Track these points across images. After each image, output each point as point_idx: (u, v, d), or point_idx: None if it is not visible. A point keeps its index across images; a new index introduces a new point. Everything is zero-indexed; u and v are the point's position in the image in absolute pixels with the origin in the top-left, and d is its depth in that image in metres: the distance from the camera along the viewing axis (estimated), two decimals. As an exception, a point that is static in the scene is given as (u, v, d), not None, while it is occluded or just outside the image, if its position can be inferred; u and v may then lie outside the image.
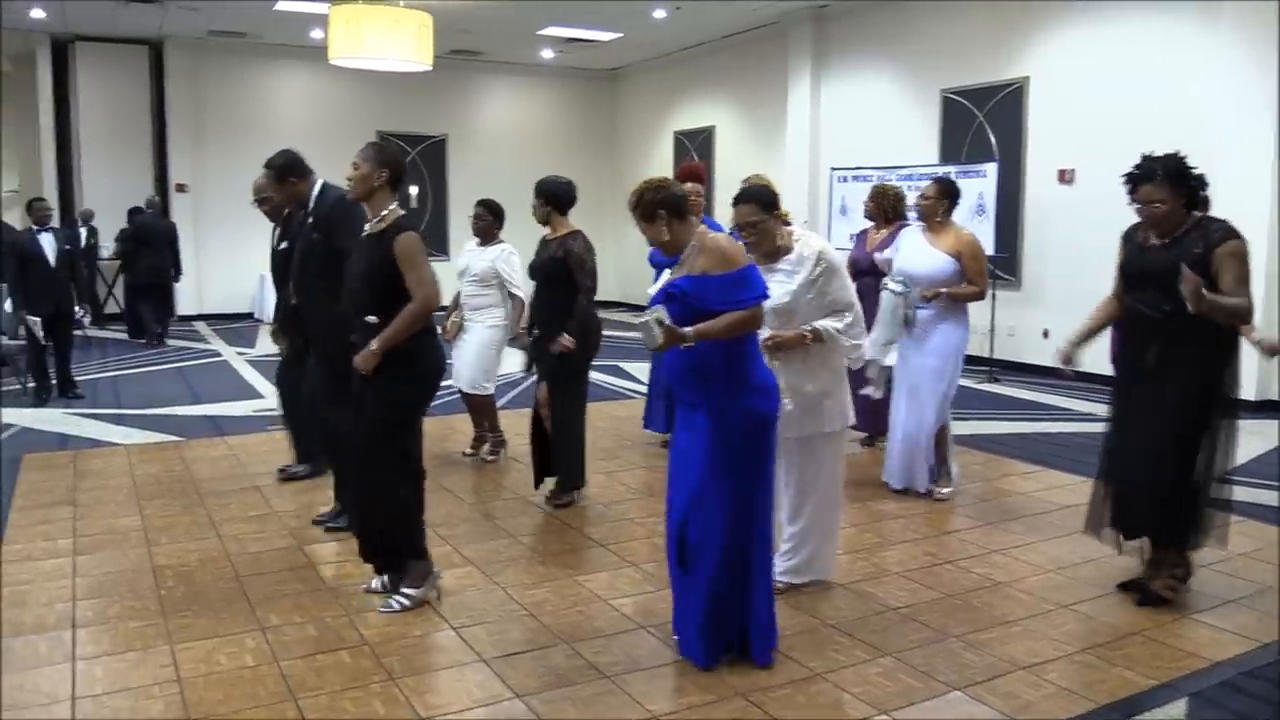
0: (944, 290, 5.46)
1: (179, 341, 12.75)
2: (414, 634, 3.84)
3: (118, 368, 10.59)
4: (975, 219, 10.00)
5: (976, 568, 4.70)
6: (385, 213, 3.93)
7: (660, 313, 3.40)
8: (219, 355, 11.61)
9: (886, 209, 6.74)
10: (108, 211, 14.17)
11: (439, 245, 16.39)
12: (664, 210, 3.48)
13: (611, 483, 6.12)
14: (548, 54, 16.19)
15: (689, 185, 6.72)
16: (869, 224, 6.86)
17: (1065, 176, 10.26)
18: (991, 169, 10.14)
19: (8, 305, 9.76)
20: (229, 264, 15.26)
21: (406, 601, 4.05)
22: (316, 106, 15.88)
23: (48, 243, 8.42)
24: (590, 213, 11.71)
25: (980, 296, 5.55)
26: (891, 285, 5.55)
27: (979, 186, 10.11)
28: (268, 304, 14.84)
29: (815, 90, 13.27)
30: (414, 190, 16.46)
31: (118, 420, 7.92)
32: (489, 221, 6.33)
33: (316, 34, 14.45)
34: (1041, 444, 7.31)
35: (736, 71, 14.92)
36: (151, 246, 12.73)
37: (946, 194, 5.60)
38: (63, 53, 15.00)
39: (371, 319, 3.87)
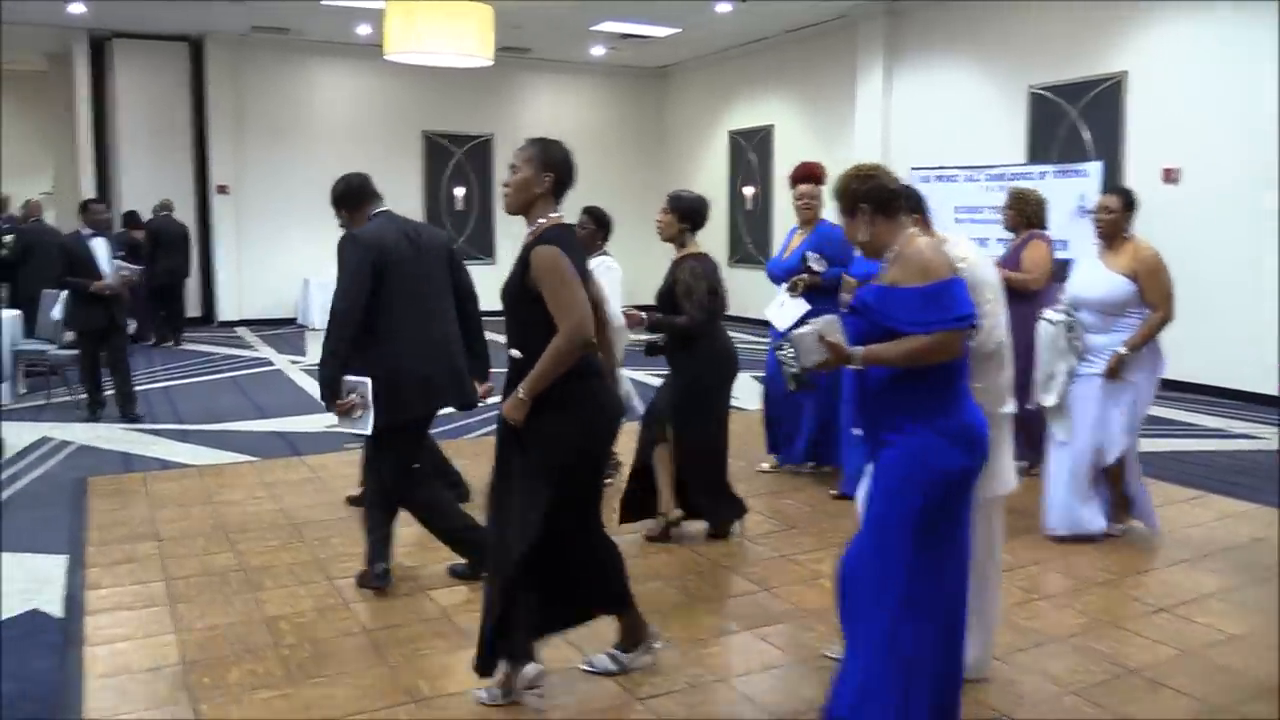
0: (1123, 350, 4.80)
1: (226, 349, 12.21)
2: (595, 705, 3.27)
3: (166, 377, 10.06)
4: (1076, 221, 9.40)
5: (1197, 615, 4.11)
6: (539, 223, 3.21)
7: (830, 324, 2.84)
8: (270, 364, 11.07)
9: (1029, 215, 6.15)
10: (146, 214, 13.63)
11: (485, 249, 15.89)
12: (868, 204, 2.89)
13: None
14: (597, 51, 15.64)
15: (802, 187, 6.18)
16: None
17: (1171, 176, 9.63)
18: (1094, 168, 9.52)
19: (55, 312, 9.25)
20: (271, 268, 14.75)
21: (612, 666, 3.49)
22: (360, 105, 15.36)
23: (100, 248, 7.83)
24: (638, 216, 11.17)
25: (1165, 323, 4.86)
26: (1049, 315, 4.95)
27: (1080, 187, 9.48)
28: (312, 310, 14.36)
29: (887, 87, 12.67)
30: (460, 192, 15.92)
31: (182, 437, 7.37)
32: (592, 230, 5.71)
33: (362, 30, 13.97)
34: (1191, 465, 6.71)
35: (799, 67, 14.33)
36: (167, 249, 12.41)
37: (1129, 205, 5.00)
38: (100, 50, 14.51)
39: (515, 353, 3.19)
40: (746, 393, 8.73)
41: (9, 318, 8.75)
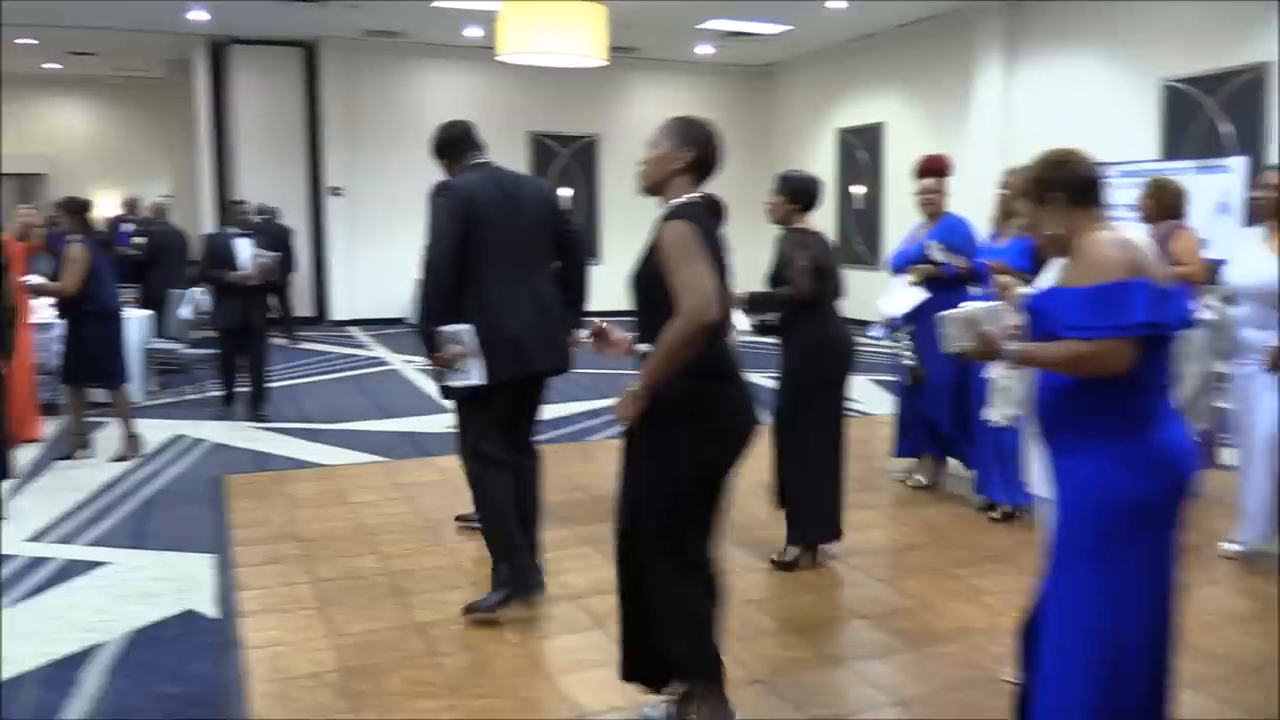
0: None
1: (340, 348, 12.38)
2: (765, 729, 3.14)
3: (285, 376, 10.20)
4: (1219, 219, 8.95)
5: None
6: (673, 201, 2.89)
7: (993, 312, 2.63)
8: (386, 363, 11.17)
9: (1169, 206, 5.82)
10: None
11: (590, 250, 15.86)
12: (1062, 193, 2.53)
13: (870, 528, 5.35)
14: (703, 49, 15.50)
15: (924, 181, 5.96)
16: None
17: (1321, 172, 9.10)
18: (1237, 163, 9.07)
19: (183, 311, 9.47)
20: (382, 268, 14.93)
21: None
22: (467, 106, 15.36)
23: (243, 248, 7.93)
24: (743, 218, 10.93)
25: None
26: (1199, 312, 4.63)
27: (1223, 183, 9.05)
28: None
29: (1007, 80, 12.28)
30: (569, 192, 15.93)
31: (310, 436, 7.45)
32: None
33: (470, 31, 14.06)
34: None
35: (911, 63, 13.98)
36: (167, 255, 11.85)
37: (1295, 182, 4.66)
38: (219, 56, 14.87)
39: (644, 348, 2.83)
40: (866, 395, 8.51)
41: (140, 317, 8.96)
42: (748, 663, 3.57)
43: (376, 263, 14.95)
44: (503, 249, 3.90)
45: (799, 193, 4.64)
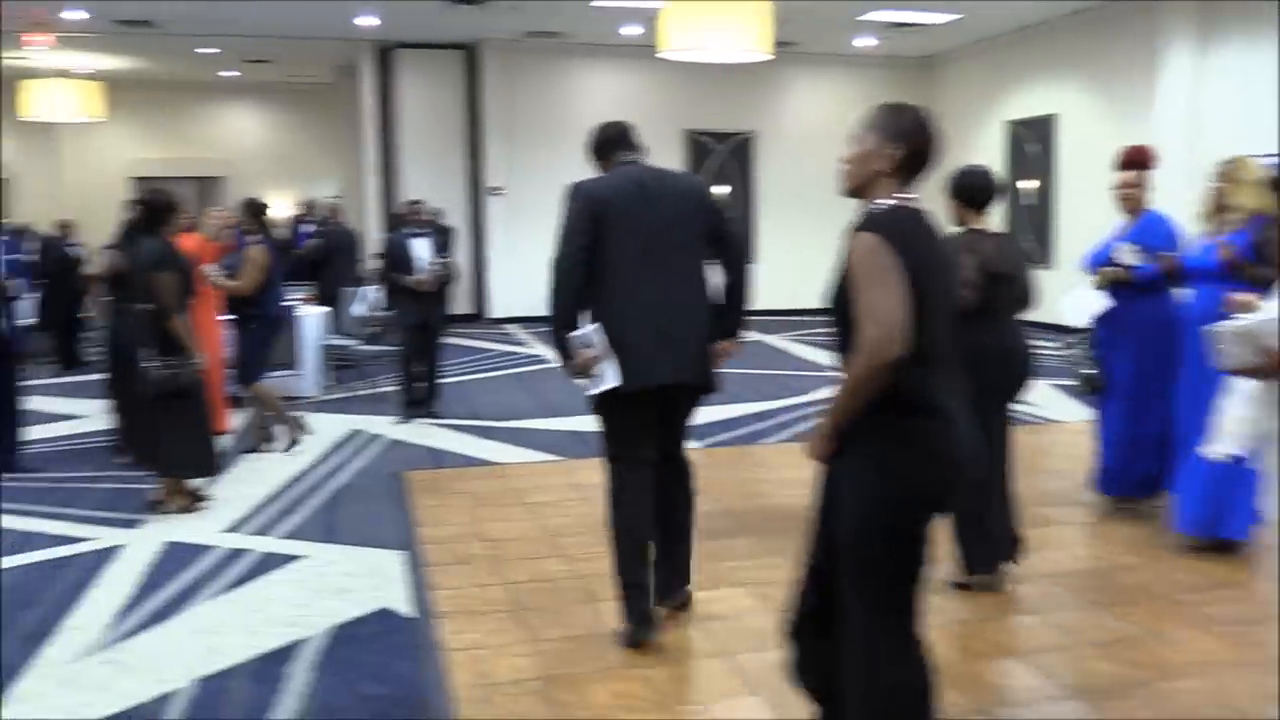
0: None
1: (500, 345, 12.53)
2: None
3: (450, 373, 10.34)
4: None
5: None
6: (872, 206, 2.52)
7: (1261, 323, 2.32)
8: (546, 361, 11.22)
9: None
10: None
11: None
12: None
13: (1071, 546, 5.00)
14: (862, 41, 15.10)
15: (1125, 174, 5.51)
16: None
17: None
18: None
19: (357, 309, 9.70)
20: (540, 266, 14.95)
21: None
22: (623, 105, 15.42)
23: (421, 248, 8.03)
24: None
25: None
26: None
27: None
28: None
29: (1196, 70, 11.51)
30: (725, 190, 15.76)
31: (483, 433, 7.49)
32: None
33: (627, 30, 14.05)
34: None
35: (1088, 50, 13.27)
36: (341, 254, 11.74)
37: None
38: (385, 61, 15.27)
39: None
40: (1052, 402, 8.07)
41: (317, 314, 9.22)
42: (968, 689, 3.34)
43: (534, 261, 14.97)
44: (634, 252, 3.67)
45: (967, 190, 4.25)
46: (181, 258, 5.55)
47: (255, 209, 7.18)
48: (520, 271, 15.16)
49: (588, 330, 3.66)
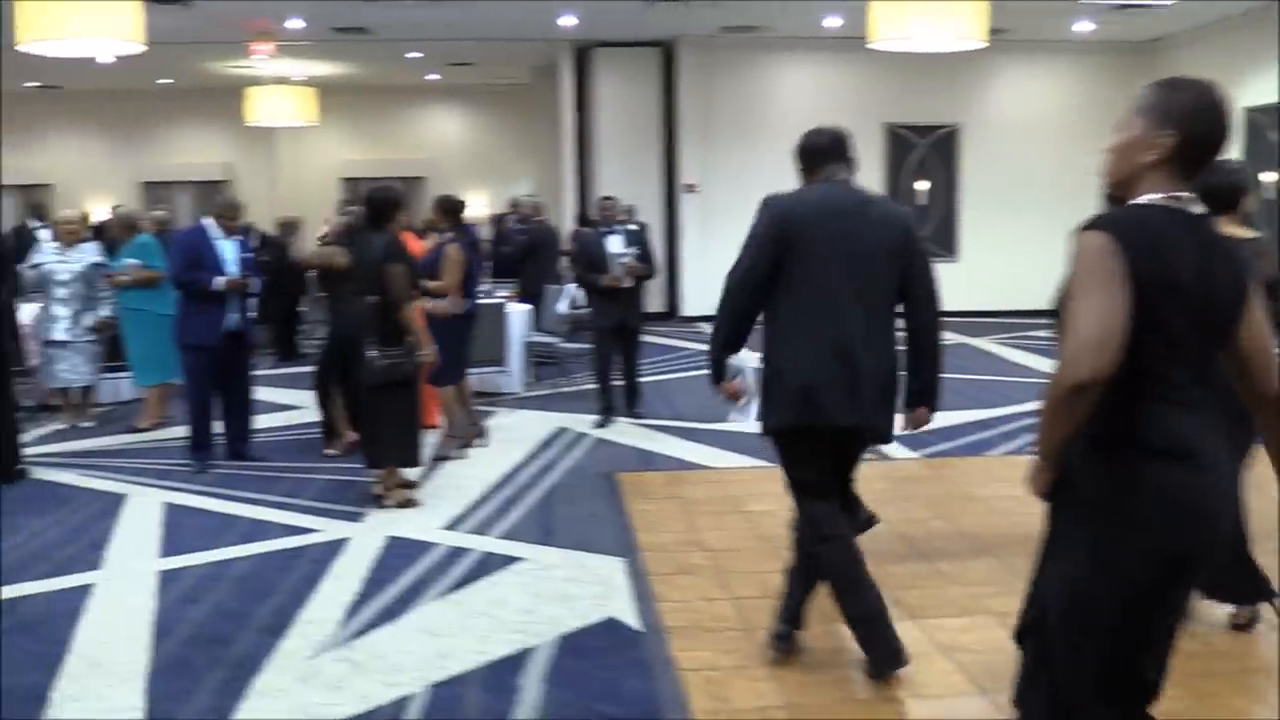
0: None
1: (695, 344, 12.38)
2: None
3: (648, 371, 10.26)
4: None
5: None
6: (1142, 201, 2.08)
7: None
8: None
9: None
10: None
11: (946, 246, 14.99)
12: None
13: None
14: (1081, 26, 14.19)
15: None
16: None
17: None
18: None
19: (559, 306, 9.72)
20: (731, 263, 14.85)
21: None
22: (820, 99, 15.04)
23: (615, 244, 7.94)
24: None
25: None
26: None
27: None
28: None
29: None
30: (923, 186, 15.15)
31: (687, 435, 7.34)
32: None
33: (830, 21, 13.65)
34: None
35: (1345, 29, 12.05)
36: (544, 252, 11.43)
37: None
38: (582, 60, 15.38)
39: None
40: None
41: (520, 311, 9.28)
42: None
43: (727, 259, 14.63)
44: (822, 282, 3.35)
45: (1218, 189, 3.54)
46: (407, 252, 5.62)
47: (450, 207, 7.15)
48: (713, 270, 14.81)
49: (744, 364, 3.48)
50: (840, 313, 3.35)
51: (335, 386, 6.83)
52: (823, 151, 3.59)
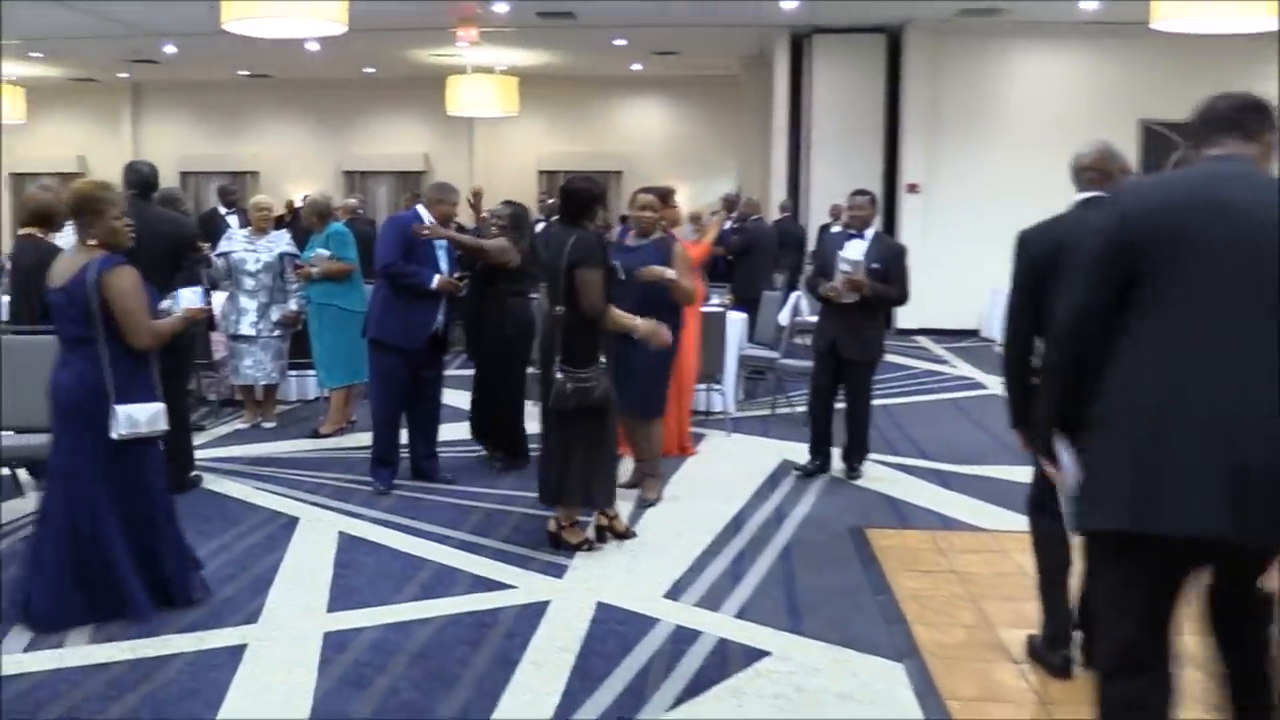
0: None
1: (919, 362, 11.06)
2: None
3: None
4: None
5: None
6: None
7: None
8: (981, 385, 9.63)
9: None
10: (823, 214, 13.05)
11: None
12: None
13: None
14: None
15: None
16: None
17: None
18: None
19: (781, 316, 8.64)
20: (956, 273, 13.43)
21: None
22: (1066, 92, 13.44)
23: (854, 251, 6.74)
24: None
25: None
26: None
27: None
28: (998, 323, 12.82)
29: None
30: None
31: (938, 479, 6.14)
32: None
33: (1087, 4, 12.08)
34: None
35: None
36: (761, 253, 10.22)
37: None
38: (798, 48, 14.26)
39: None
40: None
41: (734, 320, 8.23)
42: None
43: (950, 267, 13.47)
44: (1199, 306, 2.23)
45: None
46: (606, 253, 4.71)
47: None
48: (936, 278, 13.55)
49: (1067, 447, 2.39)
50: (1228, 361, 2.19)
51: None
52: (1215, 119, 2.41)
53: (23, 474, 5.69)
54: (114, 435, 3.70)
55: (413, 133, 19.30)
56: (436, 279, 5.66)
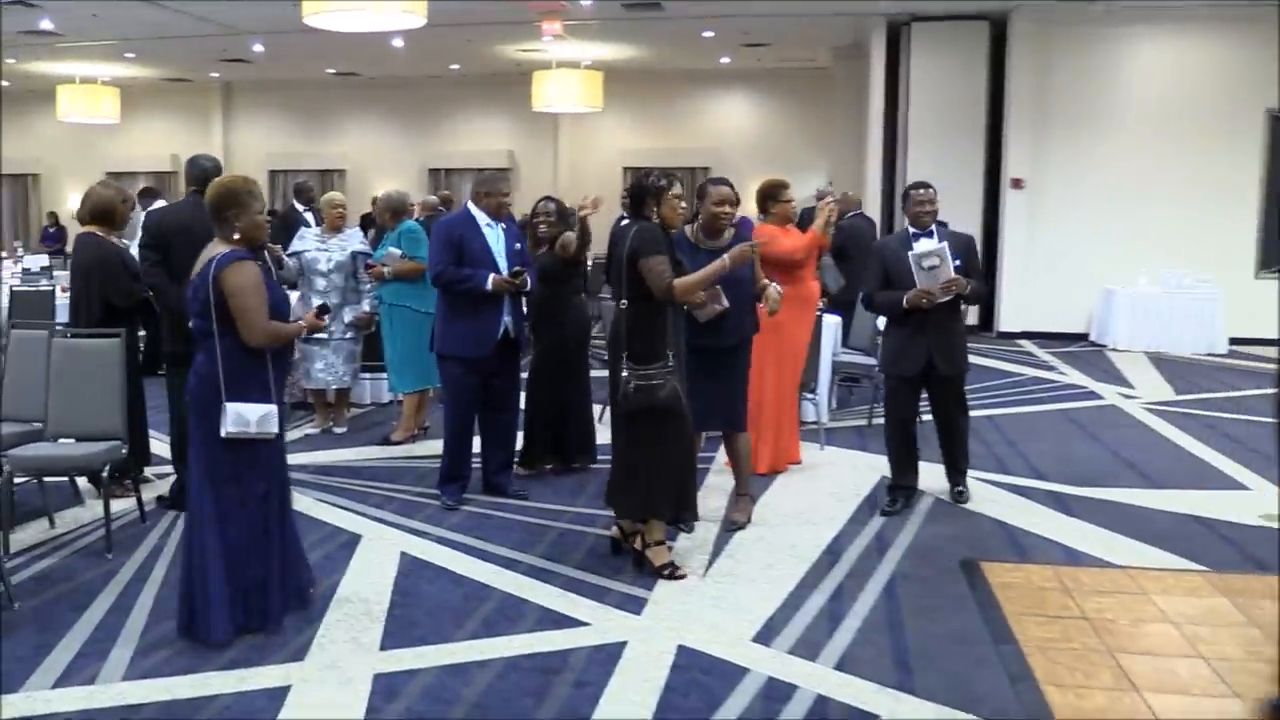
0: None
1: (1024, 368, 10.36)
2: None
3: (974, 400, 8.43)
4: None
5: None
6: None
7: None
8: (1095, 395, 8.92)
9: None
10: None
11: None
12: None
13: None
14: None
15: None
16: None
17: None
18: None
19: (880, 321, 8.06)
20: (1061, 274, 12.67)
21: None
22: (1184, 81, 12.55)
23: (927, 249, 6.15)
24: None
25: None
26: None
27: None
28: (1113, 326, 12.04)
29: None
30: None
31: (1057, 503, 5.54)
32: None
33: (1210, -13, 11.26)
34: None
35: None
36: (858, 252, 9.03)
37: None
38: (894, 38, 13.61)
39: None
40: None
41: (829, 323, 7.70)
42: None
43: (1055, 267, 12.73)
44: None
45: None
46: (670, 243, 4.45)
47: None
48: (1039, 279, 12.82)
49: None
50: None
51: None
52: None
53: (82, 482, 5.49)
54: (222, 433, 3.60)
55: (498, 129, 19.09)
56: (491, 279, 5.25)
